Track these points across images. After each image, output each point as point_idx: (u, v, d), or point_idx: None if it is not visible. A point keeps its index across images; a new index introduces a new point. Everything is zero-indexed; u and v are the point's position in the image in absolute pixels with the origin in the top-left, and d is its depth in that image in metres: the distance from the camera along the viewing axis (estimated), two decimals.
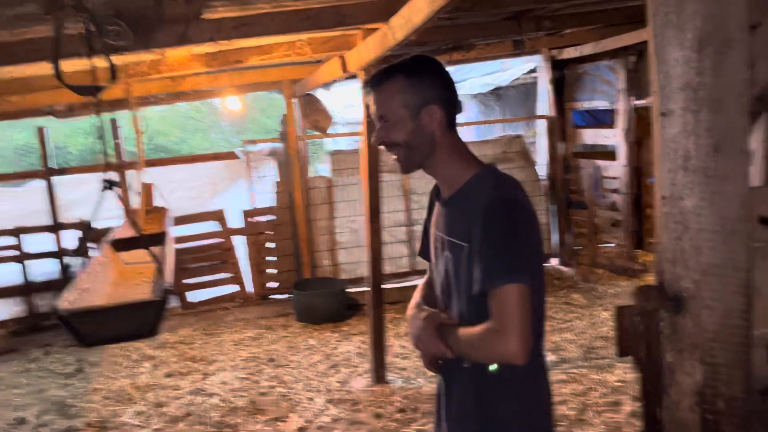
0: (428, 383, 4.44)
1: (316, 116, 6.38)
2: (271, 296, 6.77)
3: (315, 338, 5.65)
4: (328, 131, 6.68)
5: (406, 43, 3.21)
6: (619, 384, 4.19)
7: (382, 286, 4.53)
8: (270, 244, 6.75)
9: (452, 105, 1.64)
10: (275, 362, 5.15)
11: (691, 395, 1.41)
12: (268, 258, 6.76)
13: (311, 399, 4.38)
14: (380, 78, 1.62)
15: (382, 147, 1.68)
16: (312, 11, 3.11)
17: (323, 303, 6.10)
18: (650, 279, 6.25)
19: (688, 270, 1.38)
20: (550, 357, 4.72)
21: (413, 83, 1.59)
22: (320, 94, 6.59)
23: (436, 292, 1.75)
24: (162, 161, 7.14)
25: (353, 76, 4.74)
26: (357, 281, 6.67)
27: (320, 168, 7.49)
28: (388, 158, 1.85)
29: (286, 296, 6.62)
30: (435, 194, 1.76)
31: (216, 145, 21.82)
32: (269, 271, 6.76)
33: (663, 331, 1.42)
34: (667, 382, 1.43)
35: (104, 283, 2.83)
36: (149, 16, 2.56)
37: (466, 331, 1.55)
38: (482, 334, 1.49)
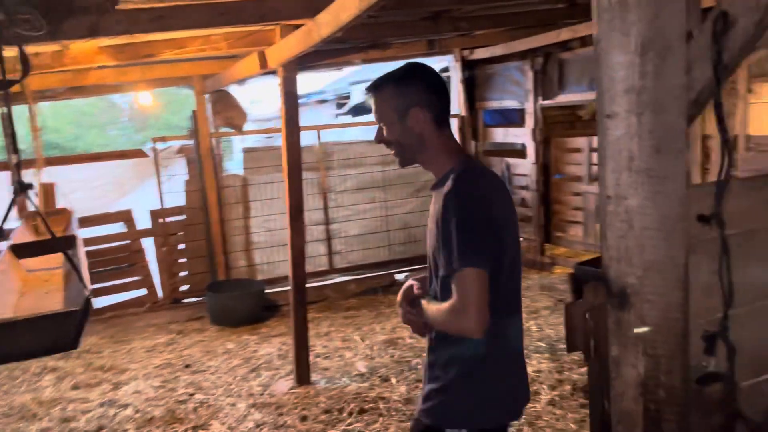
0: (353, 382, 4.43)
1: (230, 113, 6.20)
2: (184, 300, 6.52)
3: (233, 341, 5.49)
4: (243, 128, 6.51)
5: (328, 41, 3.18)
6: (536, 374, 4.33)
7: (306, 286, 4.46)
8: (181, 246, 6.50)
9: (439, 106, 1.82)
10: (192, 368, 4.97)
11: (635, 386, 1.46)
12: (179, 260, 6.50)
13: (233, 404, 4.25)
14: (375, 86, 1.86)
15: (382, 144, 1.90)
16: (233, 5, 3.00)
17: (240, 305, 5.94)
18: (559, 271, 6.54)
19: (632, 267, 1.43)
20: None
21: (401, 89, 1.81)
22: (232, 90, 6.41)
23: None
24: (63, 159, 6.69)
25: (271, 72, 4.64)
26: (274, 282, 6.55)
27: (229, 166, 7.26)
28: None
29: (199, 299, 6.39)
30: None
31: (114, 142, 20.76)
32: (181, 273, 6.51)
33: (609, 326, 1.47)
34: (613, 374, 1.49)
35: (9, 292, 2.59)
36: (58, 4, 2.37)
37: (434, 307, 1.77)
38: (445, 311, 1.69)
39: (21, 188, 2.40)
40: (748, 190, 1.71)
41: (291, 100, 4.14)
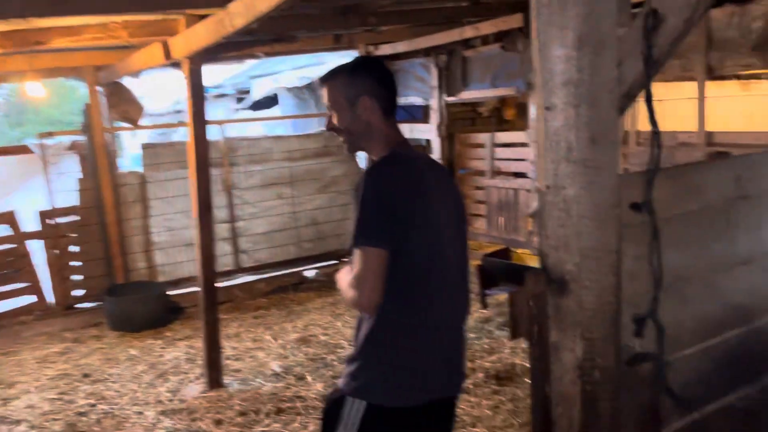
0: (267, 383, 4.33)
1: (126, 106, 5.87)
2: (78, 305, 6.11)
3: (136, 347, 5.22)
4: (140, 122, 6.19)
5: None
6: None
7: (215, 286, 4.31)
8: (74, 248, 6.09)
9: (386, 98, 1.95)
10: (91, 377, 4.67)
11: (573, 369, 1.52)
12: (72, 263, 6.09)
13: (140, 413, 4.04)
14: (329, 75, 1.97)
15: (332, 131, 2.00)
16: None
17: (142, 309, 5.66)
18: None
19: (570, 254, 1.48)
20: None
21: (352, 79, 1.93)
22: (128, 82, 6.08)
23: None
24: None
25: (172, 65, 4.44)
26: (177, 283, 6.30)
27: (120, 163, 6.85)
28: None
29: (96, 304, 6.02)
30: None
31: None
32: (74, 277, 6.10)
33: (549, 312, 1.52)
34: (553, 359, 1.54)
35: None
36: None
37: (343, 274, 1.86)
38: (345, 283, 1.81)
39: None
40: (663, 179, 1.82)
41: (198, 94, 3.98)
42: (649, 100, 1.42)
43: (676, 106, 4.80)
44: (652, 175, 1.47)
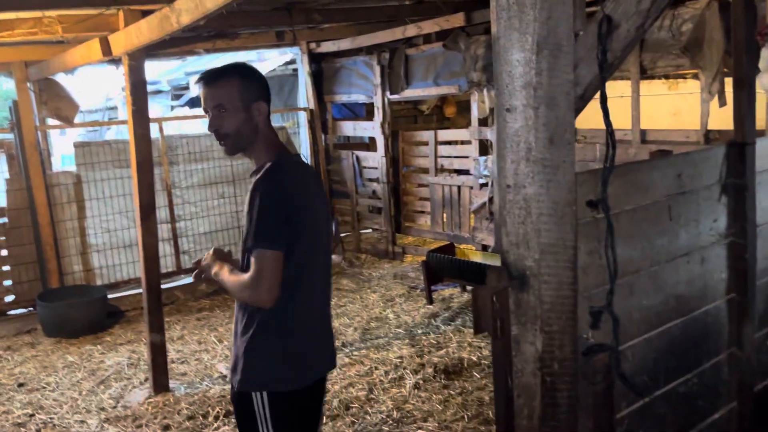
0: (215, 385, 4.26)
1: (59, 103, 5.64)
2: (9, 312, 5.84)
3: (74, 353, 5.03)
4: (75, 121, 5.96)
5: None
6: (399, 360, 4.47)
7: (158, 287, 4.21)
8: (3, 252, 5.81)
9: (269, 104, 2.05)
10: (27, 386, 4.48)
11: (533, 361, 1.58)
12: (2, 267, 5.81)
13: (82, 421, 3.91)
14: (217, 75, 1.98)
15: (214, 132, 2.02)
16: None
17: (78, 313, 5.45)
18: (410, 259, 6.79)
19: (530, 251, 1.54)
20: None
21: (247, 82, 1.99)
22: (61, 79, 5.84)
23: None
24: None
25: (112, 61, 4.30)
26: (115, 286, 6.11)
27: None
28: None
29: (28, 310, 5.77)
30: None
31: None
32: (5, 282, 5.82)
33: (510, 307, 1.57)
34: (514, 352, 1.59)
35: None
36: None
37: (233, 276, 1.95)
38: (241, 282, 1.91)
39: None
40: (612, 177, 1.90)
41: (139, 91, 3.87)
42: (603, 102, 1.48)
43: (611, 104, 5.01)
44: (608, 173, 1.54)
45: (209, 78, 1.97)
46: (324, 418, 2.31)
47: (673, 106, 6.34)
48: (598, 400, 1.69)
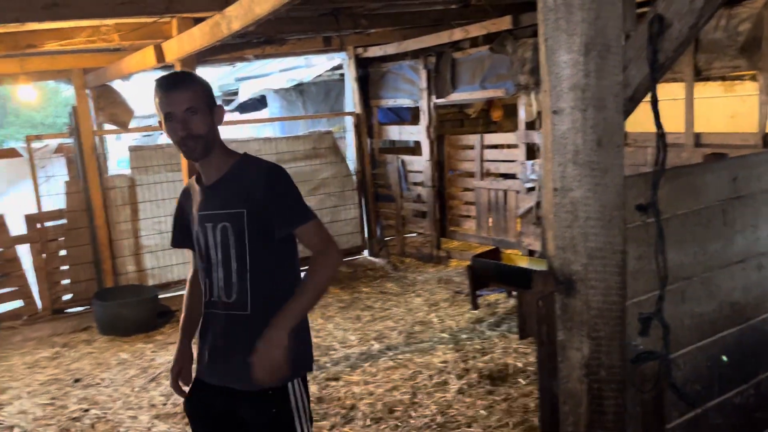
0: None
1: (115, 109, 5.84)
2: (67, 310, 6.06)
3: (126, 351, 5.18)
4: (130, 126, 6.15)
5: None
6: (443, 364, 4.45)
7: None
8: (62, 252, 6.04)
9: None
10: (83, 382, 4.63)
11: (579, 367, 1.55)
12: (60, 267, 6.03)
13: (134, 417, 4.02)
14: (182, 78, 2.00)
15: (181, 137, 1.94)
16: None
17: (131, 312, 5.62)
18: (455, 264, 6.75)
19: (577, 255, 1.51)
20: (375, 345, 4.87)
21: (207, 87, 2.00)
22: (117, 85, 6.04)
23: (204, 267, 2.04)
24: None
25: (165, 67, 4.42)
26: (167, 286, 6.26)
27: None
28: None
29: (85, 308, 5.98)
30: (195, 185, 2.08)
31: None
32: (63, 281, 6.04)
33: (556, 312, 1.55)
34: (560, 358, 1.57)
35: None
36: None
37: (302, 292, 1.92)
38: (318, 267, 1.93)
39: None
40: (663, 181, 1.86)
41: None
42: (654, 104, 1.45)
43: (663, 107, 4.88)
44: (658, 176, 1.50)
45: (176, 81, 1.96)
46: None
47: (729, 109, 6.13)
48: (647, 409, 1.65)
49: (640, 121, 2.04)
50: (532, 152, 5.70)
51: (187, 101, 1.91)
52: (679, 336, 1.84)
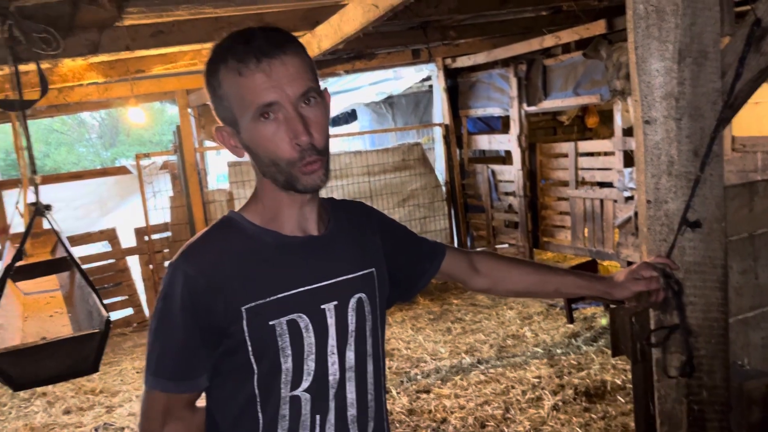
0: None
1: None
2: None
3: None
4: None
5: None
6: (537, 380, 4.35)
7: None
8: (166, 264, 6.39)
9: None
10: None
11: (678, 388, 1.48)
12: None
13: None
14: (285, 37, 1.10)
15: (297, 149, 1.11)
16: (233, 18, 2.98)
17: None
18: None
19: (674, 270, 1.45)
20: (466, 358, 4.83)
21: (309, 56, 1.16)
22: None
23: (301, 396, 1.16)
24: (45, 179, 6.53)
25: None
26: None
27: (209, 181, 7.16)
28: None
29: None
30: (248, 242, 1.20)
31: (84, 159, 20.43)
32: None
33: (653, 329, 1.48)
34: (657, 377, 1.50)
35: (13, 317, 2.52)
36: (58, 21, 2.33)
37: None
38: (512, 258, 1.55)
39: (39, 211, 2.33)
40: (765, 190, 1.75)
41: None
42: None
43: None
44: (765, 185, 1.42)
45: (278, 40, 1.08)
46: None
47: None
48: None
49: (747, 125, 1.92)
50: (630, 160, 5.49)
51: (303, 79, 1.10)
52: None
